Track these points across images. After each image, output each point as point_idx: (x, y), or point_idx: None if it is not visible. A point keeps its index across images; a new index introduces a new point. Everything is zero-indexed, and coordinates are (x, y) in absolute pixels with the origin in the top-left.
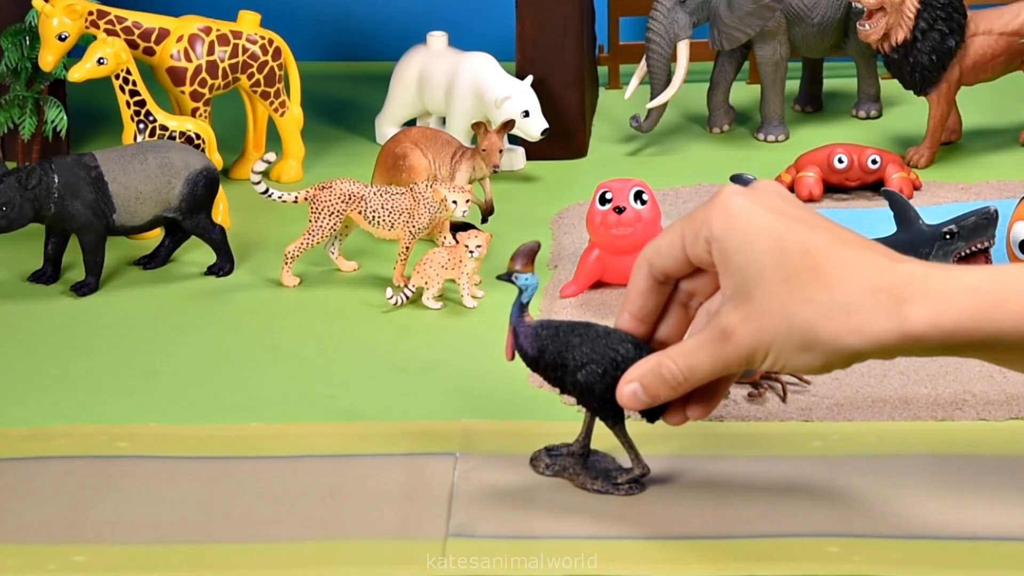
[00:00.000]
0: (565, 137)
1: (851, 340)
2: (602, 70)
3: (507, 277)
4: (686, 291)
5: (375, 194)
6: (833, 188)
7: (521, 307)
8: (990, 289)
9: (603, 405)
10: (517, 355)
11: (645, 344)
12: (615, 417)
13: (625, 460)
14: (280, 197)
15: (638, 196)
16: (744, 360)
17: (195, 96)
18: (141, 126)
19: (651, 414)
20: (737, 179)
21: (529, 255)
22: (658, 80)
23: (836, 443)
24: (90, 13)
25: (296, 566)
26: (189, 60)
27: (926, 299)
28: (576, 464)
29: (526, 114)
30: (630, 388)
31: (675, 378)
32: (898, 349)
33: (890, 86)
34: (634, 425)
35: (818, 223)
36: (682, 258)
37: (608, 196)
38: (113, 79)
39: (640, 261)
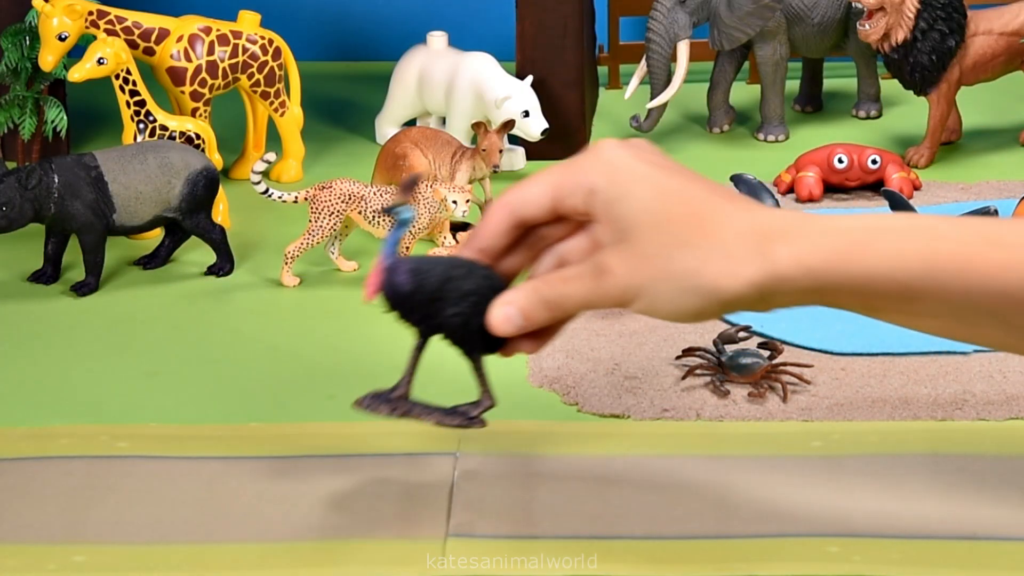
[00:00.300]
0: (565, 137)
1: (726, 283)
2: (602, 70)
3: (390, 211)
4: (538, 235)
5: (375, 194)
6: (833, 188)
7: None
8: (859, 230)
9: (476, 338)
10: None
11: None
12: (484, 349)
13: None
14: (280, 197)
15: None
16: (617, 298)
17: (195, 96)
18: (141, 126)
19: (490, 347)
20: (737, 179)
21: (411, 186)
22: (658, 80)
23: (836, 443)
24: (90, 13)
25: (296, 566)
26: (189, 60)
27: (794, 239)
28: (416, 405)
29: (526, 114)
30: (504, 311)
31: (550, 302)
32: (770, 292)
33: (890, 86)
34: (633, 425)
35: (694, 176)
36: (548, 208)
37: None
38: (113, 79)
39: (501, 205)
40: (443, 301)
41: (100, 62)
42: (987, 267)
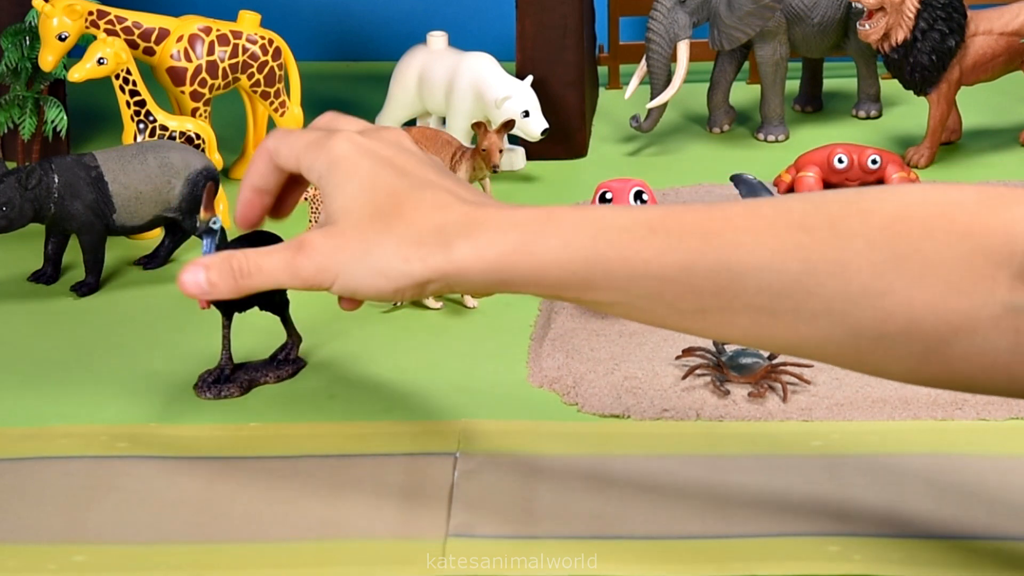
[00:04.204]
0: (565, 137)
1: (412, 268)
2: (602, 70)
3: (205, 228)
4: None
5: None
6: (833, 188)
7: (218, 249)
8: (533, 223)
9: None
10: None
11: None
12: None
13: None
14: None
15: (638, 196)
16: (312, 274)
17: (195, 96)
18: (141, 126)
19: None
20: (737, 179)
21: (211, 198)
22: (658, 80)
23: (836, 443)
24: (90, 13)
25: (296, 566)
26: (189, 60)
27: (475, 235)
28: (251, 371)
29: (526, 114)
30: (192, 274)
31: (240, 270)
32: (455, 281)
33: (890, 86)
34: (633, 425)
35: (411, 168)
36: (296, 168)
37: (608, 196)
38: (113, 79)
39: (265, 145)
40: None
41: (100, 62)
42: (646, 252)
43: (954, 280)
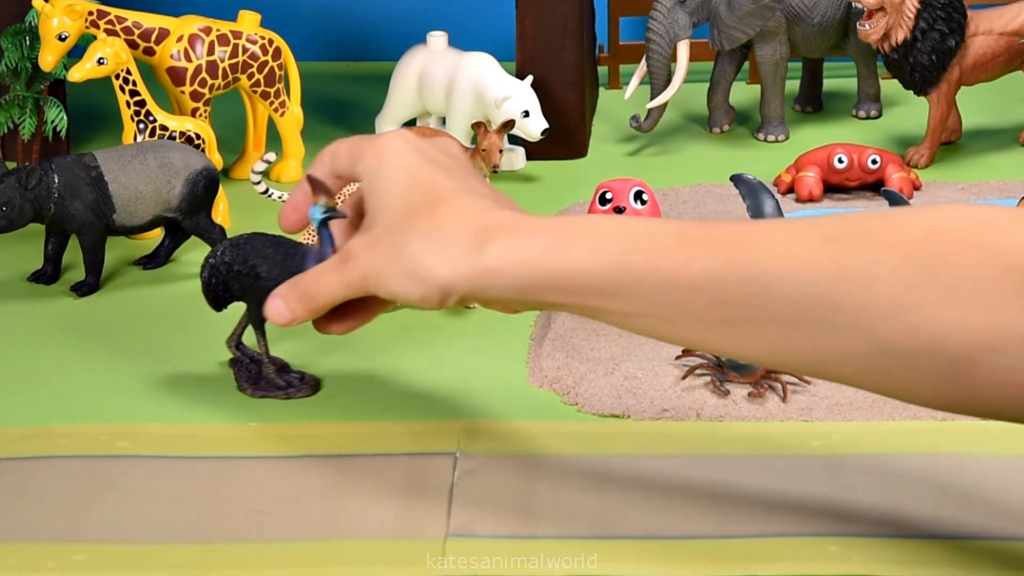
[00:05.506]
0: (565, 137)
1: (442, 271)
2: (602, 70)
3: (332, 212)
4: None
5: None
6: (833, 188)
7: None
8: (565, 227)
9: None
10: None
11: None
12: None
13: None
14: (280, 197)
15: (638, 196)
16: (359, 282)
17: (195, 96)
18: (141, 126)
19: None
20: (737, 179)
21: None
22: (658, 80)
23: (836, 443)
24: (90, 13)
25: (296, 566)
26: (189, 60)
27: (507, 237)
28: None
29: (526, 114)
30: (274, 303)
31: (307, 294)
32: (482, 285)
33: (890, 86)
34: (633, 425)
35: (457, 172)
36: (349, 171)
37: (608, 196)
38: (113, 79)
39: (326, 152)
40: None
41: (100, 62)
42: (674, 259)
43: (983, 297)
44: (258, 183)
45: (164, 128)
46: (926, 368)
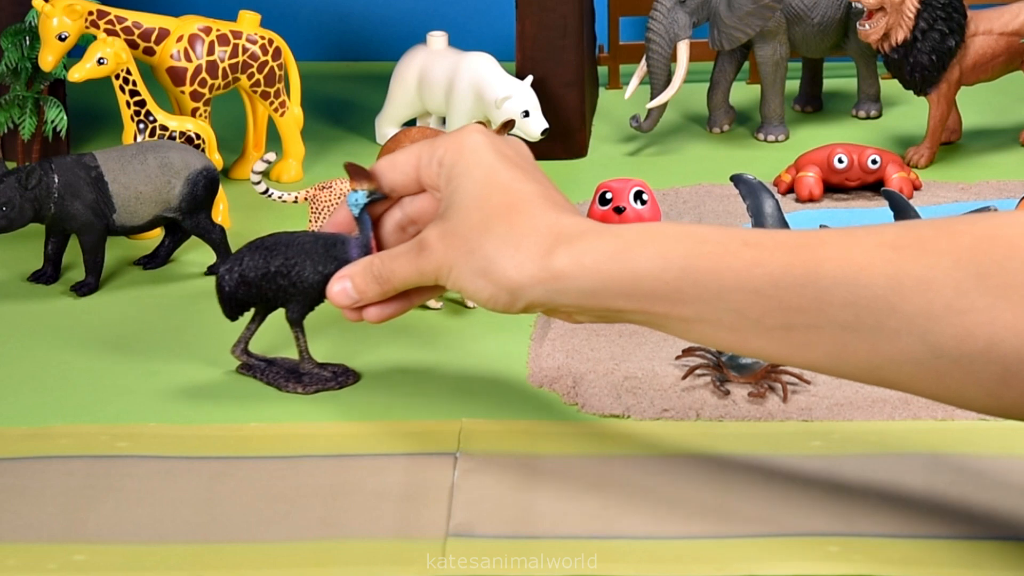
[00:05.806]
0: (565, 137)
1: (512, 273)
2: (602, 70)
3: (374, 195)
4: (408, 216)
5: None
6: (833, 188)
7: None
8: (633, 234)
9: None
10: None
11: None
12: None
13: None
14: (280, 197)
15: (638, 196)
16: (432, 273)
17: (195, 96)
18: (141, 126)
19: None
20: (737, 179)
21: (359, 171)
22: (658, 80)
23: (836, 443)
24: (90, 13)
25: (296, 566)
26: (189, 60)
27: (577, 242)
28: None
29: (526, 114)
30: (341, 285)
31: (380, 276)
32: (552, 290)
33: (890, 86)
34: (633, 425)
35: (536, 177)
36: (413, 176)
37: (608, 196)
38: (113, 79)
39: (375, 169)
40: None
41: (100, 62)
42: (738, 264)
43: None
44: (258, 183)
45: (164, 128)
46: (980, 372)
